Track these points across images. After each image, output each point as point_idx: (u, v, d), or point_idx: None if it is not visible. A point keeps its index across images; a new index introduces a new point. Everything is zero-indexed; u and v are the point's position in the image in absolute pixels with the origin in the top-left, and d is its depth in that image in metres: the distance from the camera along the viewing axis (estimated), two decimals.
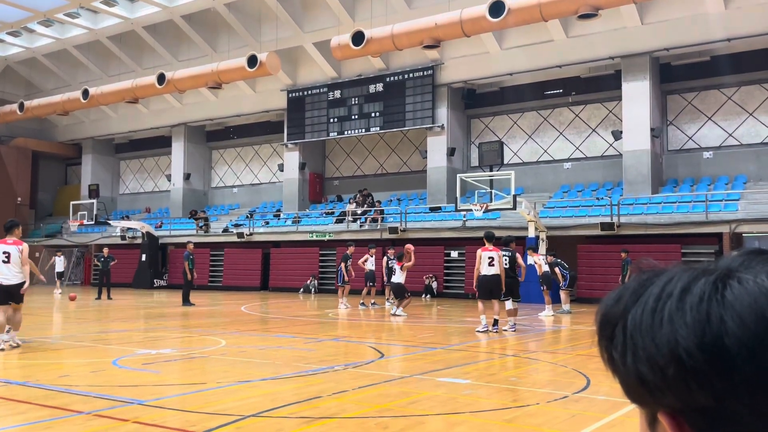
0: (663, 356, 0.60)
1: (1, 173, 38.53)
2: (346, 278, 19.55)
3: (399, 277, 17.14)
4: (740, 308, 0.59)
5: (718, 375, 0.57)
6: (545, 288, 17.83)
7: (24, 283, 10.47)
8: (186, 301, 21.17)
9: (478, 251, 13.25)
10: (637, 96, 23.46)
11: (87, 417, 5.80)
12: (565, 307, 18.16)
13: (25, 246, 10.53)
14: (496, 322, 13.05)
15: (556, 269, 18.05)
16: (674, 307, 0.61)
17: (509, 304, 13.45)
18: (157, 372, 8.41)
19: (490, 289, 13.04)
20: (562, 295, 18.37)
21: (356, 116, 29.46)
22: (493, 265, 13.00)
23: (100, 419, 5.73)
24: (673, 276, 0.65)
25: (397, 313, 16.74)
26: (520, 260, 14.24)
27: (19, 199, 39.36)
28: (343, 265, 19.65)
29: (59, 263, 28.40)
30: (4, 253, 10.30)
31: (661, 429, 0.64)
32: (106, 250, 24.65)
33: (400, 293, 17.08)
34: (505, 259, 13.44)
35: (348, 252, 19.98)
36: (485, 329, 12.98)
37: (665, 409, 0.62)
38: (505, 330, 13.19)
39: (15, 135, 39.94)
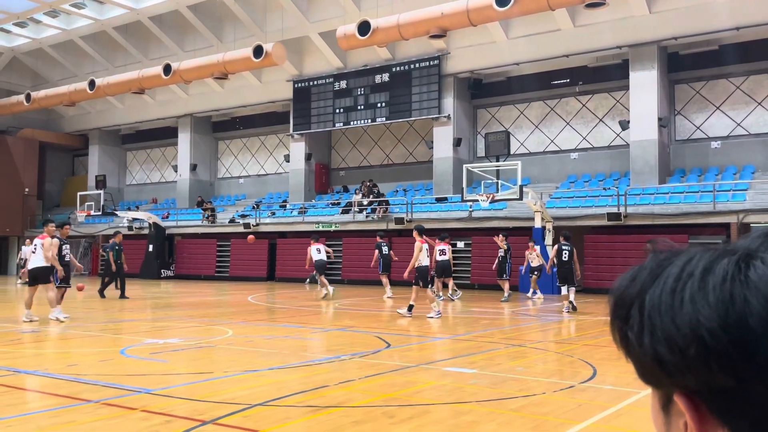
0: (684, 337, 0.59)
1: (8, 164, 38.68)
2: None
3: (319, 255, 19.46)
4: (765, 288, 0.58)
5: (741, 356, 0.56)
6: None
7: (48, 268, 12.91)
8: (101, 291, 19.66)
9: (417, 243, 14.12)
10: (644, 85, 23.32)
11: (95, 405, 5.83)
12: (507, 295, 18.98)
13: (46, 240, 12.98)
14: (410, 308, 13.95)
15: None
16: (696, 287, 0.60)
17: (564, 290, 15.30)
18: (164, 361, 8.45)
19: (426, 277, 14.16)
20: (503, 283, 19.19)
21: (362, 106, 29.40)
22: (429, 255, 14.41)
23: (108, 408, 5.76)
24: (692, 256, 0.63)
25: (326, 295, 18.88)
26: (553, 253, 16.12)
27: (27, 189, 39.52)
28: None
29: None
30: (34, 245, 13.16)
31: (676, 411, 0.63)
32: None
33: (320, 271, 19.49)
34: (566, 253, 15.34)
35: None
36: (438, 315, 13.77)
37: (682, 390, 0.61)
38: (566, 312, 14.85)
39: (22, 126, 40.04)
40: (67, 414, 5.58)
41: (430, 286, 14.20)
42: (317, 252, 19.90)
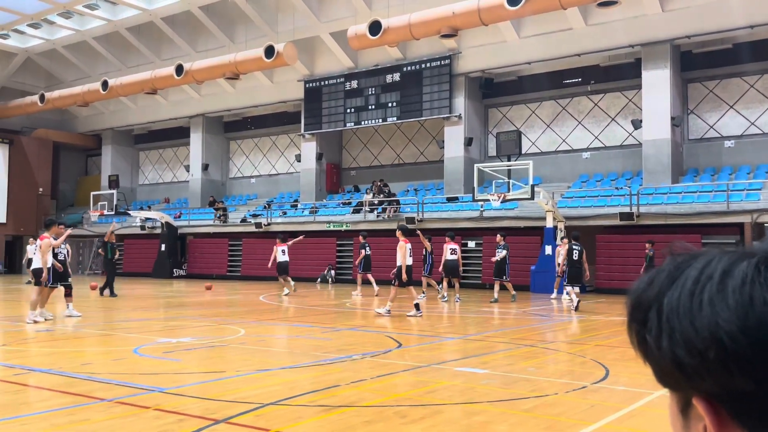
0: (703, 340, 0.59)
1: (23, 164, 39.02)
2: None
3: (283, 257, 20.48)
4: None
5: (761, 359, 0.56)
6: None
7: (41, 269, 12.66)
8: (110, 290, 19.63)
9: (401, 243, 14.13)
10: (657, 84, 23.17)
11: (109, 404, 5.87)
12: (496, 296, 18.10)
13: (44, 241, 12.71)
14: (417, 306, 13.95)
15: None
16: (715, 290, 0.60)
17: (569, 288, 15.95)
18: (177, 360, 8.49)
19: (411, 276, 14.25)
20: (499, 285, 18.25)
21: (373, 106, 29.41)
22: (411, 255, 14.50)
23: (121, 406, 5.80)
24: (711, 259, 0.63)
25: (284, 295, 19.85)
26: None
27: (41, 189, 39.84)
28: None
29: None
30: (37, 244, 13.03)
31: (695, 414, 0.63)
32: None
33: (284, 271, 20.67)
34: (576, 252, 15.95)
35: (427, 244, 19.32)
36: (388, 314, 13.89)
37: (701, 393, 0.61)
38: (575, 309, 15.24)
39: (36, 126, 40.38)
40: (82, 412, 5.62)
41: (441, 281, 14.31)
42: (282, 253, 20.71)
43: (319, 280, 27.99)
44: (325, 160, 32.26)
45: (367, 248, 20.63)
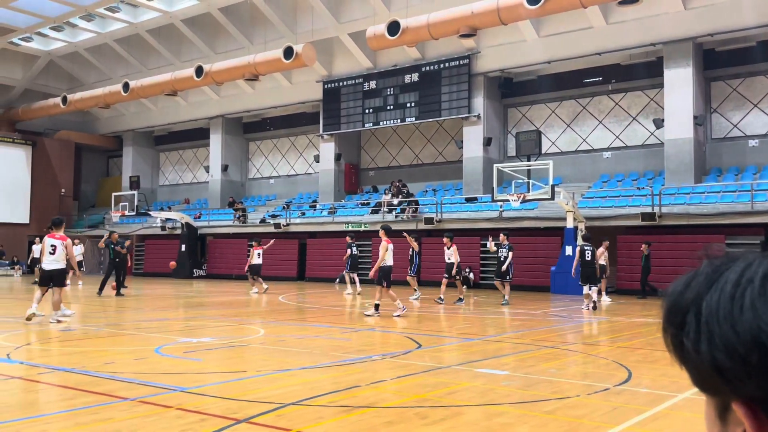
0: (744, 343, 0.58)
1: (45, 165, 39.57)
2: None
3: (258, 260, 21.85)
4: None
5: None
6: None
7: (65, 269, 12.58)
8: (102, 287, 19.80)
9: (383, 243, 14.24)
10: (679, 83, 22.91)
11: (132, 403, 5.93)
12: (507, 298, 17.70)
13: (69, 241, 12.69)
14: (377, 307, 14.08)
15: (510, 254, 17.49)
16: (756, 293, 0.59)
17: (586, 289, 15.99)
18: (198, 360, 8.55)
19: (389, 276, 14.31)
20: (501, 285, 17.77)
21: (391, 106, 29.41)
22: (392, 255, 14.54)
23: (144, 405, 5.85)
24: (751, 262, 0.62)
25: (252, 292, 20.81)
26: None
27: (63, 190, 40.38)
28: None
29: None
30: (52, 245, 12.48)
31: (733, 419, 0.62)
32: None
33: (257, 272, 21.87)
34: (588, 253, 16.03)
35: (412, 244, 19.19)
36: (404, 310, 14.06)
37: (741, 398, 0.60)
38: (585, 309, 15.59)
39: (59, 128, 40.94)
40: (105, 411, 5.68)
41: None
42: (257, 256, 21.96)
43: (337, 280, 28.02)
44: (344, 161, 32.32)
45: (354, 248, 21.30)
